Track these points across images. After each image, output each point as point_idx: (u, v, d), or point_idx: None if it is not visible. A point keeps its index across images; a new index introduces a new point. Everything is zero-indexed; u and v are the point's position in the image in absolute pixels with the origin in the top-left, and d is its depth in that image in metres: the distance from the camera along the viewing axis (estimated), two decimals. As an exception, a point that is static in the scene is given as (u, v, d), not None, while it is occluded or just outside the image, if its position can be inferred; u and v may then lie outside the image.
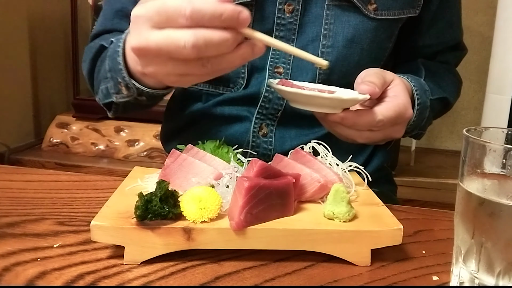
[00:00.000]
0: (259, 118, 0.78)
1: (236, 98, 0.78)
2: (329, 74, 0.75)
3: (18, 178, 0.71)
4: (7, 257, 0.47)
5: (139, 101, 0.66)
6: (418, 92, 0.72)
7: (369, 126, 0.61)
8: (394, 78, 0.65)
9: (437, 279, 0.47)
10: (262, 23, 0.74)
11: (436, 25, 0.83)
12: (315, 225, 0.49)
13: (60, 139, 1.99)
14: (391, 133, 0.65)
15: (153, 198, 0.47)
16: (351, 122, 0.60)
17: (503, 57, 1.41)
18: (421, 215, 0.65)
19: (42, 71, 2.15)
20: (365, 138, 0.63)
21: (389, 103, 0.62)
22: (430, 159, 2.03)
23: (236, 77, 0.77)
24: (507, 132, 0.45)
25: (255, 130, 0.78)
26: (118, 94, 0.66)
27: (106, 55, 0.68)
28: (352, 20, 0.74)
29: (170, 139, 0.88)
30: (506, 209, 0.40)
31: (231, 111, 0.79)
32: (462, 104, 2.10)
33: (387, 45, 0.78)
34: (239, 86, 0.78)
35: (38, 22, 2.09)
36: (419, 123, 0.75)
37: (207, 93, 0.80)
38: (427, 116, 0.76)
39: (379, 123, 0.61)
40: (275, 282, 0.45)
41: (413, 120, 0.72)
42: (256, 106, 0.78)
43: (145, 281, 0.44)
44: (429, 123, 0.80)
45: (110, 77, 0.66)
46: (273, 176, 0.51)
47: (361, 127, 0.61)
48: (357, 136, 0.62)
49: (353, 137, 0.63)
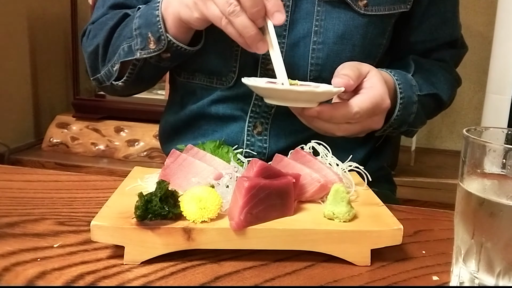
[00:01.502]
0: (253, 117, 0.79)
1: (230, 97, 0.79)
2: (321, 70, 0.75)
3: (18, 178, 0.71)
4: (7, 257, 0.47)
5: (162, 59, 0.71)
6: (402, 86, 0.72)
7: (346, 119, 0.62)
8: (370, 70, 0.65)
9: (437, 279, 0.47)
10: None
11: (428, 21, 0.82)
12: (315, 225, 0.49)
13: (60, 139, 1.99)
14: (370, 125, 0.65)
15: (153, 198, 0.47)
16: (327, 116, 0.61)
17: (503, 57, 1.40)
18: (421, 215, 0.65)
19: (42, 71, 2.15)
20: (343, 130, 0.63)
21: (364, 95, 0.62)
22: (430, 159, 2.03)
23: (228, 71, 0.77)
24: (507, 132, 0.45)
25: (250, 129, 0.79)
26: (144, 49, 0.70)
27: (133, 17, 0.73)
28: (343, 16, 0.74)
29: (168, 140, 0.88)
30: (506, 209, 0.40)
31: (225, 110, 0.79)
32: (462, 104, 2.11)
33: (380, 42, 0.78)
34: (230, 80, 0.78)
35: (38, 22, 2.09)
36: (405, 118, 0.74)
37: (201, 87, 0.81)
38: (415, 112, 0.76)
39: (355, 115, 0.61)
40: (275, 282, 0.45)
41: (397, 115, 0.72)
42: (250, 105, 0.78)
43: (145, 281, 0.44)
44: (420, 120, 0.80)
45: (138, 33, 0.70)
46: (273, 176, 0.51)
47: (338, 120, 0.62)
48: (336, 129, 0.63)
49: (331, 130, 0.63)
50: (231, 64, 0.77)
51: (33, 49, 2.09)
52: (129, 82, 0.76)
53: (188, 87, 0.83)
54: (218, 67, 0.78)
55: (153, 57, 0.71)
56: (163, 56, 0.71)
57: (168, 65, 0.75)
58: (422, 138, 2.19)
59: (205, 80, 0.80)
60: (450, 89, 0.86)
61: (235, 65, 0.77)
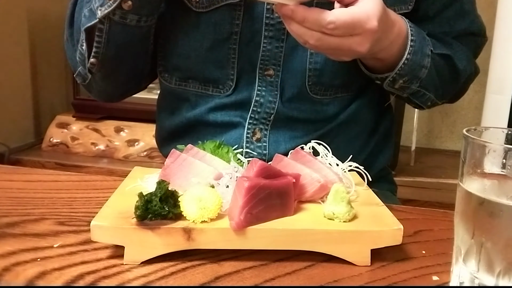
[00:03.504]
0: (252, 123, 0.77)
1: (228, 104, 0.77)
2: (319, 75, 0.74)
3: (18, 178, 0.71)
4: (7, 257, 0.47)
5: (126, 12, 0.67)
6: (413, 31, 0.69)
7: (320, 26, 0.57)
8: None
9: (437, 279, 0.47)
10: (251, 23, 0.73)
11: (441, 14, 0.79)
12: (315, 225, 0.49)
13: (60, 139, 1.99)
14: (351, 45, 0.59)
15: (153, 198, 0.47)
16: (300, 16, 0.57)
17: (503, 57, 1.40)
18: (421, 215, 0.65)
19: (42, 71, 2.15)
20: (316, 39, 0.59)
21: (348, 9, 0.58)
22: (430, 159, 2.02)
23: (226, 78, 0.76)
24: (507, 132, 0.45)
25: (249, 136, 0.77)
26: (103, 5, 0.67)
27: None
28: None
29: (165, 144, 0.87)
30: (506, 209, 0.40)
31: (223, 117, 0.78)
32: (462, 104, 2.10)
33: None
34: (228, 88, 0.76)
35: (38, 22, 2.09)
36: (416, 70, 0.71)
37: (196, 94, 0.79)
38: (428, 68, 0.72)
39: (329, 24, 0.56)
40: (275, 282, 0.45)
41: (407, 58, 0.68)
42: (248, 111, 0.77)
43: (145, 281, 0.44)
44: (433, 83, 0.75)
45: None
46: (273, 176, 0.51)
47: (311, 25, 0.57)
48: (308, 36, 0.58)
49: (304, 36, 0.59)
50: (228, 72, 0.76)
51: (33, 49, 2.09)
52: (103, 59, 0.72)
53: (180, 93, 0.81)
54: (214, 75, 0.76)
55: (116, 13, 0.67)
56: (124, 7, 0.66)
57: (135, 23, 0.70)
58: (422, 138, 2.19)
59: (200, 88, 0.78)
60: (466, 60, 0.81)
61: (233, 73, 0.76)
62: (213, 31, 0.74)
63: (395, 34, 0.66)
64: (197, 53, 0.75)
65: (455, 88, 0.84)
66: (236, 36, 0.74)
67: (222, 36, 0.74)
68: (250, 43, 0.74)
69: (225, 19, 0.73)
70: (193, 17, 0.75)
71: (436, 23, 0.80)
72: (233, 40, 0.74)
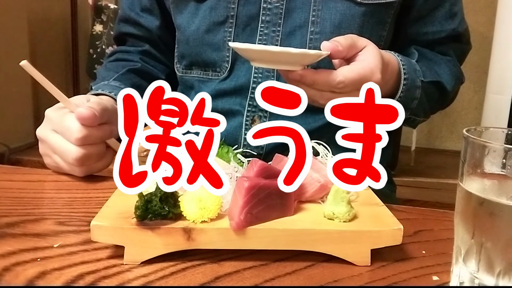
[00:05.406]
0: (251, 111, 0.79)
1: (228, 90, 0.79)
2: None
3: (18, 178, 0.71)
4: (7, 257, 0.47)
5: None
6: (406, 68, 0.71)
7: (330, 86, 0.59)
8: (367, 45, 0.63)
9: (437, 279, 0.47)
10: (248, 7, 0.76)
11: (432, 13, 0.82)
12: (315, 225, 0.49)
13: (60, 139, 1.99)
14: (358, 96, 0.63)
15: (153, 198, 0.47)
16: (310, 80, 0.59)
17: (503, 57, 1.41)
18: (421, 215, 0.65)
19: (42, 71, 2.15)
20: (326, 99, 0.59)
21: (353, 66, 0.60)
22: (430, 159, 2.03)
23: (222, 61, 0.79)
24: (507, 132, 0.45)
25: (248, 123, 0.79)
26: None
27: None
28: (339, 6, 0.74)
29: None
30: (506, 209, 0.40)
31: (223, 105, 0.80)
32: (462, 104, 2.11)
33: (380, 33, 0.78)
34: (224, 70, 0.79)
35: (38, 22, 2.09)
36: (408, 103, 0.73)
37: (199, 80, 0.82)
38: (418, 98, 0.75)
39: (339, 84, 0.58)
40: (275, 282, 0.45)
41: (400, 96, 0.71)
42: (247, 98, 0.79)
43: (145, 281, 0.44)
44: (423, 108, 0.78)
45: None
46: (273, 176, 0.51)
47: (321, 86, 0.59)
48: (319, 97, 0.60)
49: (314, 97, 0.60)
50: (223, 54, 0.78)
51: (33, 49, 2.09)
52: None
53: (186, 81, 0.85)
54: (211, 57, 0.79)
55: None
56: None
57: None
58: (422, 138, 2.19)
59: (201, 73, 0.82)
60: (453, 80, 0.84)
61: (228, 55, 0.78)
62: (209, 15, 0.78)
63: (389, 74, 0.68)
64: (195, 37, 0.79)
65: (443, 105, 0.89)
66: (232, 20, 0.77)
67: (218, 20, 0.77)
68: (246, 28, 0.77)
69: (221, 3, 0.77)
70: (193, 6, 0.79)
71: (428, 22, 0.83)
72: (229, 23, 0.77)
